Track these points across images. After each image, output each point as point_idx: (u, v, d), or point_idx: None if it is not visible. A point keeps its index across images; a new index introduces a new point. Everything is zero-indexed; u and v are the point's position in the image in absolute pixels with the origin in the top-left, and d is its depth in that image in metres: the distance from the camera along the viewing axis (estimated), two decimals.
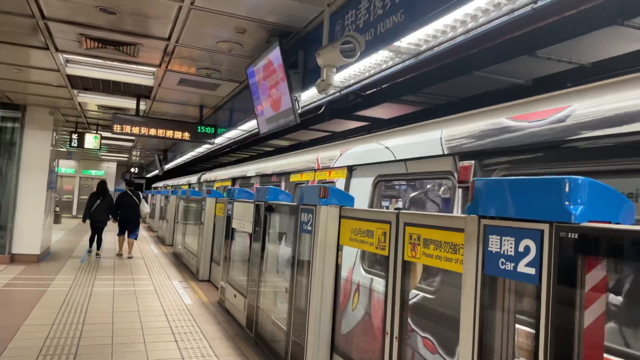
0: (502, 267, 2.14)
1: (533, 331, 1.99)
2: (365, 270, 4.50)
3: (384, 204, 7.17)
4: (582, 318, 1.83)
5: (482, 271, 2.26)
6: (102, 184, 12.31)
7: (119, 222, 12.12)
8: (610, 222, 1.91)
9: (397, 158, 4.41)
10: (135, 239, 12.37)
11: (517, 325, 2.21)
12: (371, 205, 4.75)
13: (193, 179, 17.68)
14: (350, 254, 4.63)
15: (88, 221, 11.85)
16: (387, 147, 4.65)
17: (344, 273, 4.59)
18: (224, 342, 5.60)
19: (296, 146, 13.22)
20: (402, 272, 3.26)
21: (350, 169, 5.30)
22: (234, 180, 11.16)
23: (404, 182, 6.95)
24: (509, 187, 2.17)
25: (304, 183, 6.65)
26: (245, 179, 10.03)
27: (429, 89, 6.68)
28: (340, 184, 5.35)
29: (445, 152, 3.74)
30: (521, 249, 2.05)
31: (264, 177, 8.68)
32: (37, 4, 4.73)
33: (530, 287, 2.03)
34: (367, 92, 6.02)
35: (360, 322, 4.28)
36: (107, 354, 4.96)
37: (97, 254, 11.87)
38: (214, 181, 13.51)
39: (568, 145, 2.81)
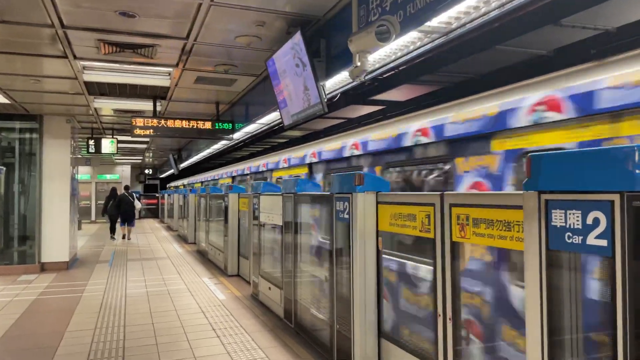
0: (569, 241, 2.12)
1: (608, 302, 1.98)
2: None
3: None
4: None
5: (547, 246, 2.24)
6: (114, 190, 17.94)
7: (120, 215, 16.70)
8: None
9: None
10: (133, 226, 17.29)
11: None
12: None
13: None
14: None
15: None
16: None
17: None
18: (265, 334, 5.66)
19: (310, 136, 13.19)
20: (452, 253, 3.25)
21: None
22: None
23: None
24: (571, 160, 2.15)
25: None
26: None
27: (447, 68, 6.58)
28: None
29: None
30: (589, 221, 2.03)
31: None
32: (57, 13, 4.73)
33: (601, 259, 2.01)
34: (385, 76, 5.97)
35: None
36: (153, 354, 5.03)
37: (113, 237, 16.83)
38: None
39: None
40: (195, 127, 9.02)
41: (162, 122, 8.70)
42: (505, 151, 3.59)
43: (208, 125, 9.13)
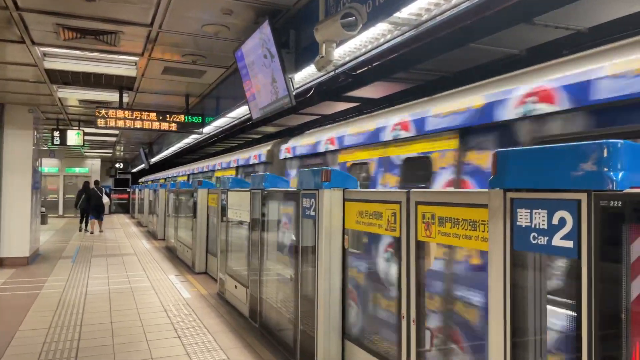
0: (534, 242, 2.02)
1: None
2: None
3: None
4: (629, 289, 1.71)
5: (511, 247, 2.14)
6: (86, 183, 18.05)
7: (90, 209, 17.10)
8: None
9: None
10: (101, 220, 17.67)
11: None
12: None
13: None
14: None
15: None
16: None
17: None
18: (228, 334, 5.48)
19: (284, 132, 13.00)
20: (416, 252, 3.14)
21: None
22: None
23: None
24: (537, 157, 2.05)
25: None
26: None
27: (421, 65, 6.50)
28: None
29: None
30: (555, 221, 1.93)
31: None
32: None
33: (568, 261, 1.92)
34: (358, 72, 5.84)
35: None
36: (109, 354, 4.80)
37: (86, 230, 17.26)
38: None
39: None
40: (163, 119, 8.76)
41: (128, 113, 8.41)
42: None
43: (177, 118, 8.87)
